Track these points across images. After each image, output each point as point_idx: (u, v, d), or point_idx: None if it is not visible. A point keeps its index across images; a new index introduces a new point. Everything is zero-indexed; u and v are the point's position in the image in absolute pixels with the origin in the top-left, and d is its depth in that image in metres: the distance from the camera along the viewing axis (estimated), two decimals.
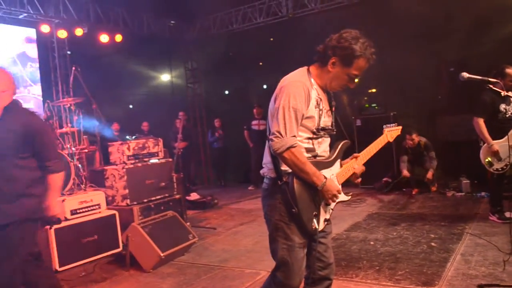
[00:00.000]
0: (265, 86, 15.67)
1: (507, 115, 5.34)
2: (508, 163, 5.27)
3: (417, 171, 8.18)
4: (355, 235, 5.59)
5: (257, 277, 4.36)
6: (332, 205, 2.58)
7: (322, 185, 2.40)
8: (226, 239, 6.01)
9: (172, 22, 11.36)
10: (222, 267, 4.80)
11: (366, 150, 2.77)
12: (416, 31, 11.60)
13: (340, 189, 2.57)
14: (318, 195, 2.45)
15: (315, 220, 2.44)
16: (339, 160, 2.64)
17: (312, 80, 2.47)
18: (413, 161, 8.16)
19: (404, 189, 8.32)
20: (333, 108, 2.59)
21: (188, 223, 6.30)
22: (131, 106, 14.54)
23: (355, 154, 2.72)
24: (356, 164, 2.69)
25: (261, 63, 15.65)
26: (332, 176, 2.57)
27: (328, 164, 2.53)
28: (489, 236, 4.98)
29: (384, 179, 8.42)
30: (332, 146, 2.66)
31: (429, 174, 7.92)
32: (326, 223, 2.56)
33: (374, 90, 15.38)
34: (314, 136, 2.49)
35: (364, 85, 15.15)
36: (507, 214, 5.54)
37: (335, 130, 2.61)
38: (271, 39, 14.36)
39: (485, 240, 4.88)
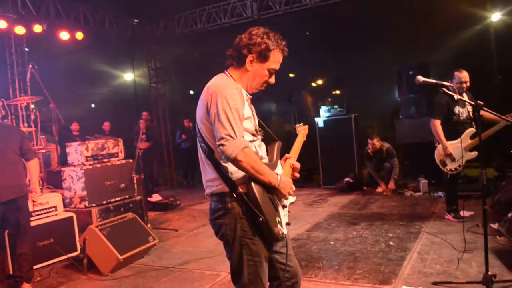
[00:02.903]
0: None
1: (461, 118, 5.51)
2: (461, 163, 5.45)
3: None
4: (316, 235, 5.65)
5: (217, 278, 4.34)
6: (287, 207, 2.53)
7: (279, 182, 2.32)
8: (187, 240, 5.96)
9: (136, 20, 11.18)
10: (182, 269, 4.75)
11: (293, 150, 2.75)
12: (378, 35, 11.89)
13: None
14: (275, 198, 2.37)
15: (279, 226, 2.34)
16: (279, 161, 2.59)
17: (238, 84, 2.41)
18: (375, 167, 8.32)
19: (364, 188, 8.48)
20: (254, 111, 2.50)
21: (148, 225, 6.21)
22: (93, 105, 14.25)
23: (287, 155, 2.69)
24: (292, 164, 2.63)
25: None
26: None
27: (272, 167, 2.45)
28: (444, 235, 5.13)
29: (345, 179, 8.55)
30: (268, 149, 2.59)
31: (391, 185, 8.10)
32: (287, 226, 2.48)
33: (338, 92, 15.67)
34: (254, 138, 2.42)
35: (327, 87, 15.46)
36: (462, 213, 5.72)
37: (262, 132, 2.54)
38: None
39: (440, 238, 5.02)
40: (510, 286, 3.56)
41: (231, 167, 2.28)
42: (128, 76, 13.45)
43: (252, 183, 2.24)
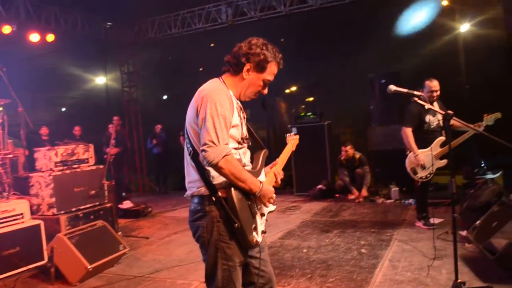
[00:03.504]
0: None
1: (432, 127, 5.61)
2: (431, 171, 5.55)
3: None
4: (288, 243, 5.64)
5: None
6: (265, 216, 2.54)
7: (259, 190, 2.35)
8: (159, 249, 5.86)
9: (109, 23, 11.01)
10: (153, 278, 4.66)
11: (280, 159, 2.79)
12: (352, 43, 12.07)
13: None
14: (254, 206, 2.40)
15: (254, 233, 2.37)
16: (263, 170, 2.61)
17: (230, 91, 2.44)
18: (349, 174, 8.40)
19: (337, 195, 8.53)
20: (245, 118, 2.55)
21: (119, 233, 6.10)
22: (63, 109, 13.96)
23: (275, 163, 2.72)
24: (277, 171, 2.67)
25: (201, 69, 15.58)
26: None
27: (256, 174, 2.48)
28: (415, 242, 5.20)
29: (318, 186, 8.59)
30: (252, 156, 2.62)
31: (364, 192, 8.18)
32: (263, 234, 2.50)
33: (311, 99, 15.80)
34: (240, 146, 2.44)
35: (301, 94, 15.57)
36: (432, 221, 5.82)
37: (249, 140, 2.57)
38: (212, 45, 14.34)
39: (411, 246, 5.09)
40: None
41: (213, 171, 2.31)
42: (100, 80, 13.22)
43: (232, 189, 2.29)
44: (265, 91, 2.53)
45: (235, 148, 2.41)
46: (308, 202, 8.34)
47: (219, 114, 2.26)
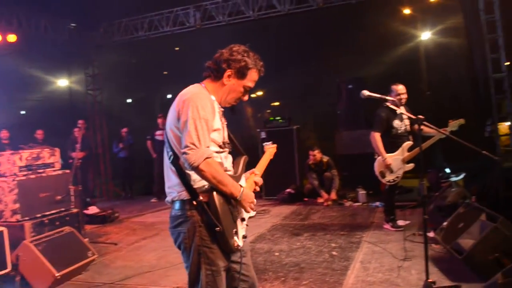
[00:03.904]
0: (169, 96, 15.43)
1: (399, 131, 5.76)
2: (399, 175, 5.70)
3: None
4: (260, 246, 5.65)
5: None
6: (246, 220, 2.55)
7: (240, 194, 2.34)
8: (128, 254, 5.75)
9: (73, 24, 10.73)
10: (124, 285, 4.56)
11: (260, 166, 2.87)
12: (318, 48, 12.27)
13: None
14: (235, 210, 2.39)
15: (236, 237, 2.36)
16: (243, 175, 2.63)
17: (211, 95, 2.45)
18: (317, 178, 8.48)
19: (306, 199, 8.61)
20: (225, 124, 2.56)
21: (86, 239, 5.92)
22: (23, 112, 13.49)
23: (254, 170, 2.77)
24: (257, 178, 2.72)
25: (165, 72, 15.42)
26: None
27: (237, 179, 2.47)
28: (384, 244, 5.31)
29: (287, 190, 8.65)
30: (234, 162, 2.62)
31: (333, 195, 8.27)
32: (244, 239, 2.50)
33: (277, 104, 15.93)
34: (221, 150, 2.44)
35: (267, 98, 15.68)
36: (400, 223, 5.96)
37: (230, 145, 2.59)
38: (176, 48, 14.21)
39: (380, 247, 5.19)
40: None
41: (194, 175, 2.30)
42: (63, 82, 12.86)
43: (214, 193, 2.28)
44: (246, 97, 2.56)
45: (217, 152, 2.41)
46: (277, 206, 8.39)
47: (201, 117, 2.26)
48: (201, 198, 2.29)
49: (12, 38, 9.10)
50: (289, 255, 5.19)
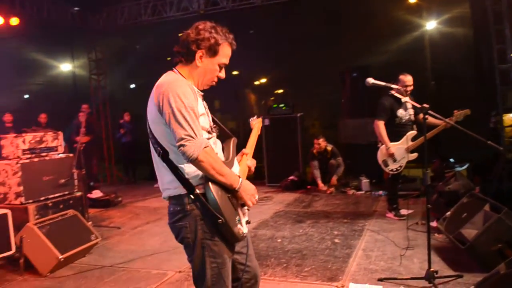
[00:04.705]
0: None
1: (403, 121, 5.73)
2: (402, 164, 5.68)
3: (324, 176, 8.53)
4: (262, 233, 5.67)
5: (164, 278, 4.22)
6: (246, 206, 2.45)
7: (239, 185, 2.27)
8: (131, 238, 5.78)
9: (76, 8, 10.66)
10: (126, 269, 4.59)
11: (249, 145, 2.72)
12: (323, 36, 12.17)
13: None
14: (233, 198, 2.30)
15: (239, 225, 2.28)
16: (236, 159, 2.53)
17: (188, 81, 2.33)
18: (320, 167, 8.48)
19: (309, 187, 8.61)
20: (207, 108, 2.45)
21: (90, 223, 5.96)
22: (27, 96, 13.49)
23: (244, 151, 2.65)
24: (249, 160, 2.62)
25: (169, 58, 15.36)
26: None
27: (229, 165, 2.38)
28: (387, 232, 5.32)
29: (290, 177, 8.66)
30: (223, 146, 2.53)
31: (333, 180, 8.28)
32: (247, 224, 2.42)
33: (281, 91, 15.87)
34: (210, 136, 2.35)
35: (271, 85, 15.62)
36: (403, 212, 5.97)
37: (217, 129, 2.49)
38: (180, 34, 14.15)
39: (383, 236, 5.20)
40: (450, 281, 3.74)
41: (187, 168, 2.21)
42: (66, 67, 12.83)
43: (210, 184, 2.18)
44: (222, 74, 2.42)
45: (207, 138, 2.30)
46: (280, 193, 8.40)
47: (186, 105, 2.13)
48: (197, 191, 2.20)
49: (14, 21, 9.05)
50: (291, 241, 5.21)
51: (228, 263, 2.33)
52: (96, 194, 8.00)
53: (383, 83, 4.12)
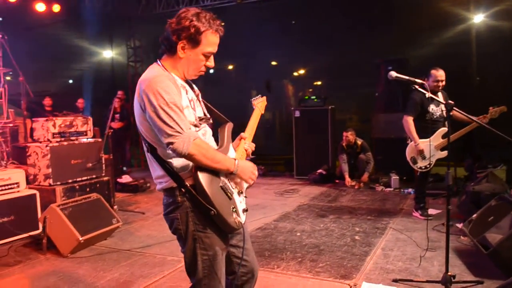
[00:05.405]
0: (211, 71, 15.48)
1: (435, 117, 5.51)
2: (431, 162, 5.47)
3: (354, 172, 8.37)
4: (283, 225, 5.62)
5: (178, 265, 4.26)
6: (244, 193, 2.41)
7: (236, 167, 2.22)
8: (153, 224, 5.87)
9: None
10: (143, 254, 4.67)
11: (249, 127, 2.59)
12: (361, 28, 11.87)
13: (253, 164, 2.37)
14: (228, 186, 2.26)
15: (235, 215, 2.23)
16: (231, 144, 2.46)
17: (172, 73, 2.25)
18: (349, 161, 8.32)
19: (337, 181, 8.47)
20: (199, 96, 2.40)
21: (115, 207, 6.12)
22: (71, 81, 13.94)
23: (242, 135, 2.55)
24: (247, 144, 2.53)
25: None
26: None
27: (224, 151, 2.33)
28: (410, 232, 5.15)
29: (319, 171, 8.54)
30: (218, 132, 2.47)
31: (364, 177, 8.13)
32: (245, 213, 2.37)
33: (319, 83, 15.65)
34: (196, 128, 2.27)
35: (309, 77, 15.43)
36: (431, 211, 5.76)
37: (210, 118, 2.41)
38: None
39: (406, 235, 5.04)
40: (469, 287, 3.58)
41: (175, 162, 2.19)
42: (107, 54, 13.13)
43: (198, 174, 2.12)
44: (211, 63, 2.30)
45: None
46: (307, 186, 8.31)
47: (168, 102, 2.07)
48: (187, 183, 2.17)
49: (56, 8, 9.33)
50: (310, 236, 5.13)
51: (221, 255, 2.29)
52: (126, 179, 8.17)
53: (406, 77, 3.94)
